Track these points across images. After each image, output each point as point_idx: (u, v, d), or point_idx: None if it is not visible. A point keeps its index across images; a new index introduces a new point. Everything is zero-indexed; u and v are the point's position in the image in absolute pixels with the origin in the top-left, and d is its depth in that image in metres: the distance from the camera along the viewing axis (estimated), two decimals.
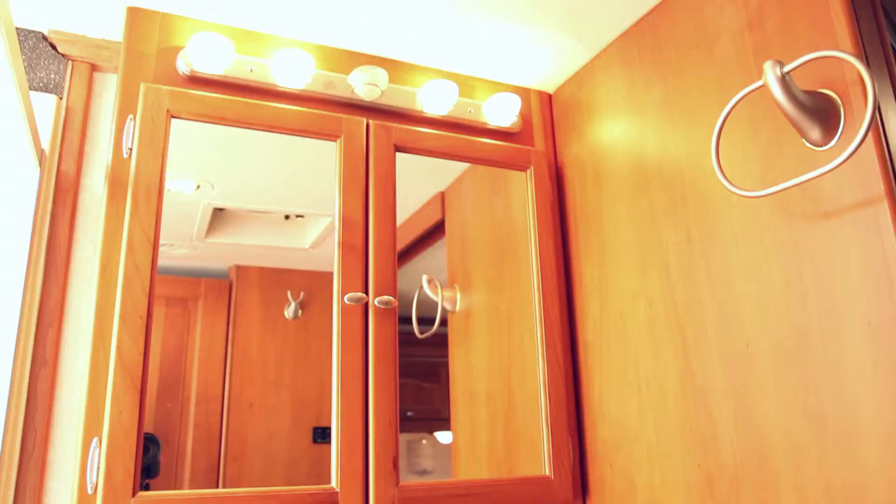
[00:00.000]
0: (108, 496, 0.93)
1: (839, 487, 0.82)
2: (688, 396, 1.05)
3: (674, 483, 1.06)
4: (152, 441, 1.11)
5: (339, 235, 1.16)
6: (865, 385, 0.80)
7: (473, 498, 1.14)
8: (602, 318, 1.26)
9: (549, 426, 1.24)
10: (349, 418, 1.08)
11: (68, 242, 1.16)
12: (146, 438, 1.11)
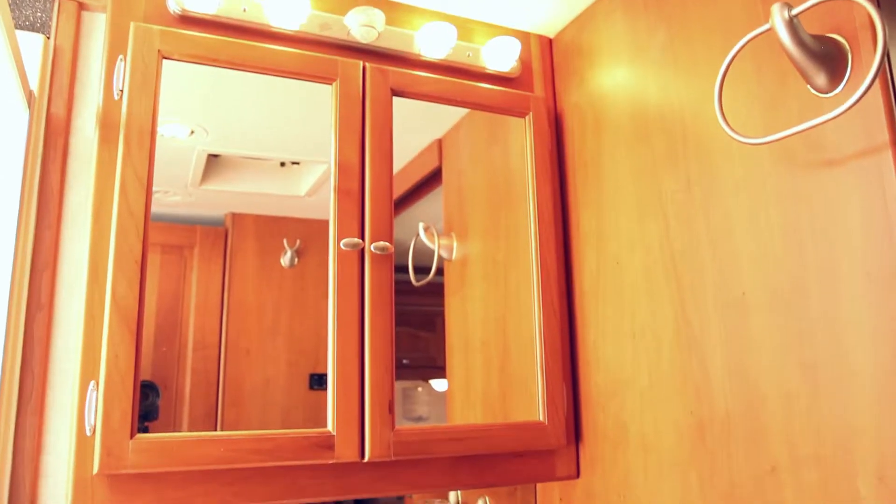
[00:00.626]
0: (107, 438, 0.94)
1: (828, 436, 0.83)
2: (682, 344, 1.05)
3: (666, 429, 1.07)
4: (151, 388, 1.12)
5: (335, 181, 1.15)
6: (860, 336, 0.80)
7: (468, 442, 1.16)
8: (599, 267, 1.26)
9: (544, 373, 1.25)
10: (345, 363, 1.09)
11: (60, 186, 1.14)
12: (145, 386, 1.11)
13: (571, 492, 1.29)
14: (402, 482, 1.13)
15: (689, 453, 1.03)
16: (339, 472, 1.08)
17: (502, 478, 1.21)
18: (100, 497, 0.95)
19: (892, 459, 0.76)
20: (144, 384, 1.11)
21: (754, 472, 0.92)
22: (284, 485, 1.05)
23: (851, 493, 0.80)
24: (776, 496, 0.89)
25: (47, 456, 1.10)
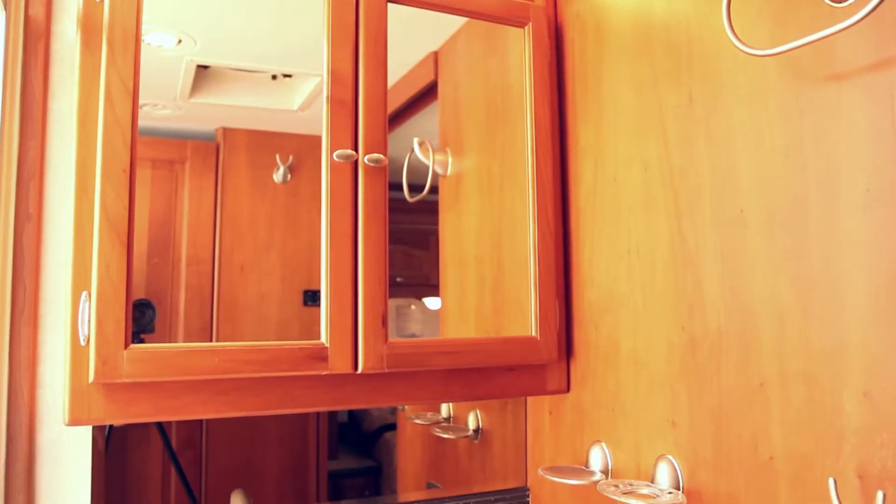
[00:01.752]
0: (101, 347, 0.94)
1: (819, 352, 0.83)
2: (677, 261, 1.05)
3: (658, 345, 1.08)
4: (148, 307, 1.12)
5: (328, 91, 1.12)
6: (856, 253, 0.80)
7: (460, 356, 1.17)
8: (595, 183, 1.24)
9: (538, 289, 1.25)
10: (338, 275, 1.09)
11: (43, 93, 1.11)
12: (142, 303, 1.11)
13: (561, 406, 1.32)
14: (395, 394, 1.15)
15: (680, 369, 1.04)
16: (333, 383, 1.10)
17: (494, 391, 1.23)
18: (96, 405, 0.96)
19: (878, 377, 0.77)
20: (141, 302, 1.11)
21: (743, 388, 0.93)
22: (279, 395, 1.06)
23: (836, 409, 0.81)
24: (763, 411, 0.90)
25: (43, 366, 1.11)
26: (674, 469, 1.04)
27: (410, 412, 1.44)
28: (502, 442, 1.43)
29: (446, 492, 1.39)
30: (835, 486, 0.76)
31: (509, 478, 1.43)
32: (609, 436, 1.19)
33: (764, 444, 0.90)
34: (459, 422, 1.45)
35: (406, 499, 1.34)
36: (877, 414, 0.76)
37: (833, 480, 0.76)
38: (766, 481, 0.90)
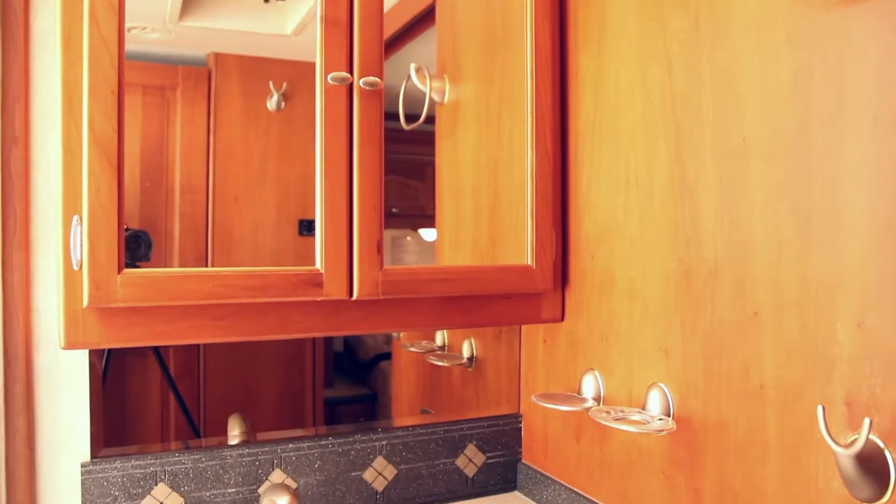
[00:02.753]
0: (94, 272, 0.93)
1: (814, 283, 0.83)
2: (676, 191, 1.04)
3: (653, 275, 1.08)
4: (144, 236, 1.11)
5: (322, 9, 1.07)
6: (858, 184, 0.79)
7: (456, 283, 1.17)
8: (596, 111, 1.22)
9: (534, 218, 1.24)
10: (333, 201, 1.07)
11: (25, 10, 1.07)
12: (138, 234, 1.10)
13: (556, 335, 1.33)
14: (390, 320, 1.15)
15: (675, 299, 1.04)
16: (329, 309, 1.10)
17: (489, 319, 1.24)
18: (91, 330, 0.96)
19: (872, 307, 0.77)
20: (136, 232, 1.10)
21: (736, 318, 0.94)
22: (274, 321, 1.06)
23: (829, 337, 0.81)
24: (755, 340, 0.91)
25: (37, 290, 1.11)
26: (665, 396, 1.05)
27: (405, 340, 1.45)
28: (496, 370, 1.45)
29: (440, 417, 1.41)
30: (823, 414, 0.77)
31: (502, 405, 1.45)
32: (602, 364, 1.20)
33: (755, 372, 0.91)
34: (454, 350, 1.46)
35: (401, 423, 1.37)
36: (869, 343, 0.77)
37: (821, 408, 0.77)
38: (755, 408, 0.91)
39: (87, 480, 1.11)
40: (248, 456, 1.20)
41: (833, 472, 0.81)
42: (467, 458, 1.40)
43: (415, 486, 1.35)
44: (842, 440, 0.79)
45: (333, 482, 1.28)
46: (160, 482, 1.15)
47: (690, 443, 1.01)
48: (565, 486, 1.29)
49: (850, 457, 0.75)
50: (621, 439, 1.15)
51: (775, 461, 0.88)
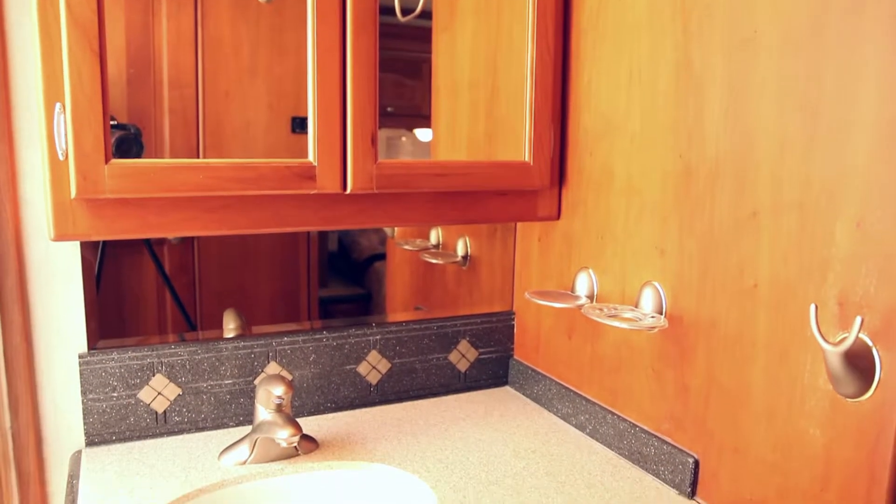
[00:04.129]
0: (80, 162, 0.91)
1: (816, 182, 0.82)
2: (681, 87, 1.01)
3: (652, 172, 1.07)
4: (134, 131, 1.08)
5: None
6: (870, 80, 0.76)
7: (451, 178, 1.15)
8: (600, 5, 1.16)
9: (533, 113, 1.21)
10: (326, 92, 1.04)
11: None
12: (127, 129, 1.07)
13: (551, 233, 1.32)
14: (385, 215, 1.14)
15: (673, 198, 1.03)
16: (322, 203, 1.08)
17: (484, 215, 1.23)
18: (81, 222, 0.95)
19: (873, 207, 0.76)
20: (125, 126, 1.07)
21: (735, 218, 0.93)
22: (267, 214, 1.05)
23: (827, 238, 0.81)
24: (752, 240, 0.90)
25: (25, 183, 1.08)
26: (658, 295, 1.06)
27: (399, 238, 1.45)
28: (490, 268, 1.46)
29: (433, 313, 1.43)
30: (815, 312, 0.78)
31: (496, 302, 1.47)
32: (596, 263, 1.20)
33: (749, 271, 0.91)
34: (448, 248, 1.46)
35: (395, 319, 1.38)
36: (867, 243, 0.76)
37: (814, 306, 0.78)
38: (747, 307, 0.92)
39: (86, 371, 1.12)
40: (243, 349, 1.22)
41: (819, 370, 0.82)
42: (460, 354, 1.43)
43: (408, 380, 1.38)
44: (831, 338, 0.80)
45: (328, 375, 1.30)
46: (157, 373, 1.17)
47: (681, 340, 1.03)
48: (556, 381, 1.32)
49: (839, 354, 0.76)
50: (613, 336, 1.17)
51: (763, 358, 0.90)
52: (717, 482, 0.98)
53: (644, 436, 1.10)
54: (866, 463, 0.77)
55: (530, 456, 1.15)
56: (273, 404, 1.07)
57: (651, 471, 1.08)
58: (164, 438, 1.18)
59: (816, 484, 0.83)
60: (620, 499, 1.02)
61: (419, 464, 1.11)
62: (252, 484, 1.06)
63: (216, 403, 1.22)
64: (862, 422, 0.78)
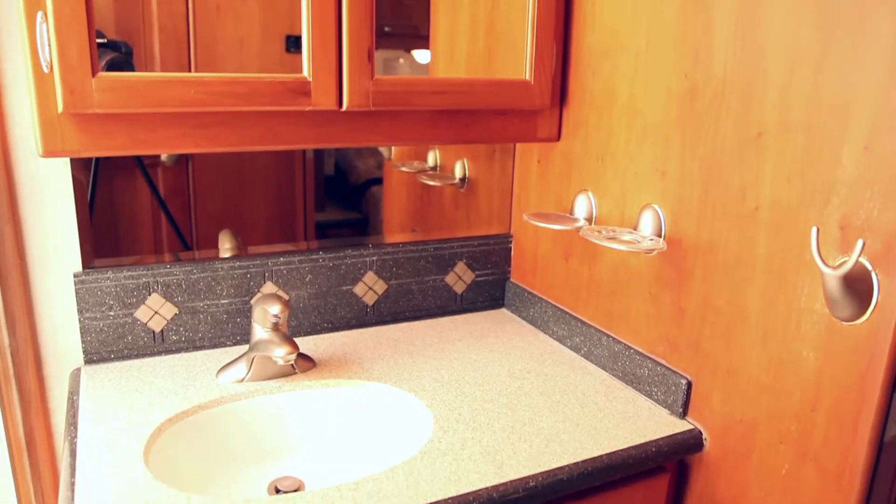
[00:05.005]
0: (66, 75, 0.87)
1: (826, 103, 0.79)
2: (688, 3, 0.97)
3: (656, 92, 1.04)
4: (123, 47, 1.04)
5: None
6: None
7: (450, 96, 1.12)
8: None
9: (535, 31, 1.16)
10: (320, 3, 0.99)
11: None
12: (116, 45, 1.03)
13: (550, 155, 1.30)
14: (381, 133, 1.11)
15: (677, 118, 1.01)
16: (317, 120, 1.05)
17: (483, 135, 1.20)
18: (70, 138, 0.92)
19: (883, 129, 0.74)
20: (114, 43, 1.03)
21: (739, 139, 0.91)
22: (260, 131, 1.02)
23: (833, 161, 0.79)
24: (756, 162, 0.89)
25: (9, 97, 1.05)
26: (658, 217, 1.05)
27: (397, 160, 1.42)
28: (488, 191, 1.44)
29: (430, 235, 1.42)
30: (816, 235, 0.77)
31: (493, 225, 1.46)
32: (596, 185, 1.19)
33: (751, 194, 0.90)
34: (446, 171, 1.44)
35: (391, 240, 1.37)
36: (874, 166, 0.75)
37: (816, 229, 0.77)
38: (747, 231, 0.91)
39: (81, 290, 1.12)
40: (239, 269, 1.22)
41: (817, 294, 0.82)
42: (457, 276, 1.43)
43: (405, 301, 1.39)
44: (831, 262, 0.79)
45: (324, 295, 1.30)
46: (154, 292, 1.17)
47: (679, 263, 1.02)
48: (552, 303, 1.33)
49: (838, 278, 0.76)
50: (610, 259, 1.17)
51: (761, 282, 0.89)
52: (708, 403, 1.00)
53: (638, 357, 1.11)
54: (857, 385, 0.78)
55: (525, 376, 1.17)
56: (269, 323, 1.07)
57: (644, 392, 1.10)
58: (162, 357, 1.19)
59: (807, 405, 0.84)
60: (613, 418, 1.03)
61: (415, 383, 1.13)
62: (250, 401, 1.07)
63: (213, 323, 1.22)
64: (856, 345, 0.78)
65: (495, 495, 0.84)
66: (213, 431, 1.04)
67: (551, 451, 0.93)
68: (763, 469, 0.91)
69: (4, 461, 1.14)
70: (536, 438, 0.97)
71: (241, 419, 1.06)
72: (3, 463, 1.14)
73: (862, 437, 0.79)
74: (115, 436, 0.93)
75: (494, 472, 0.88)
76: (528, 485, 0.87)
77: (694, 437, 1.00)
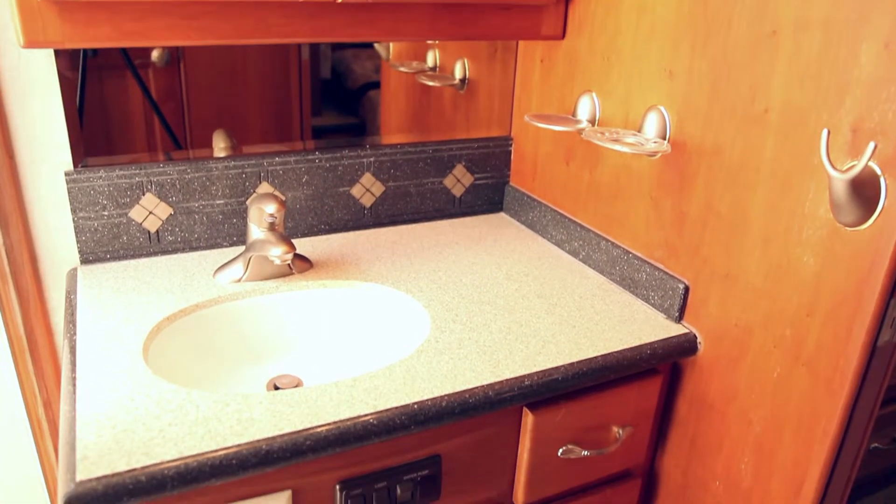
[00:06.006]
0: None
1: None
2: None
3: None
4: None
5: None
6: None
7: None
8: None
9: None
10: None
11: None
12: None
13: (554, 54, 1.25)
14: (379, 28, 1.06)
15: (689, 15, 0.96)
16: (311, 12, 1.00)
17: (484, 31, 1.15)
18: (52, 28, 0.88)
19: None
20: None
21: (752, 37, 0.87)
22: (252, 23, 0.97)
23: (850, 59, 0.76)
24: (769, 62, 0.85)
25: None
26: (663, 119, 1.02)
27: (395, 60, 1.37)
28: (488, 92, 1.40)
29: (429, 137, 1.38)
30: (826, 137, 0.75)
31: (493, 127, 1.42)
32: (600, 86, 1.15)
33: (762, 96, 0.87)
34: (445, 71, 1.39)
35: (389, 141, 1.34)
36: (893, 66, 0.72)
37: (826, 131, 0.75)
38: (754, 133, 0.88)
39: (73, 189, 1.10)
40: (234, 168, 1.19)
41: (821, 199, 0.81)
42: (455, 179, 1.41)
43: (402, 204, 1.37)
44: (840, 165, 0.77)
45: (321, 196, 1.28)
46: (147, 192, 1.15)
47: (682, 167, 1.00)
48: (551, 207, 1.31)
49: (846, 181, 0.74)
50: (612, 162, 1.14)
51: (765, 187, 0.88)
52: (705, 308, 1.00)
53: (637, 262, 1.10)
54: (855, 291, 0.78)
55: (523, 279, 1.17)
56: (266, 223, 1.06)
57: (641, 296, 1.10)
58: (159, 257, 1.19)
59: (803, 310, 0.85)
60: (609, 320, 1.04)
61: (412, 284, 1.13)
62: (248, 301, 1.07)
63: (209, 223, 1.21)
64: (858, 250, 0.77)
65: (491, 393, 0.86)
66: (211, 331, 1.04)
67: (547, 352, 0.94)
68: (755, 372, 0.93)
69: (7, 360, 1.16)
70: (533, 339, 0.98)
71: (239, 319, 1.07)
72: (6, 361, 1.16)
73: (856, 342, 0.79)
74: (113, 334, 0.94)
75: (491, 371, 0.89)
76: (524, 384, 0.88)
77: (689, 341, 1.01)
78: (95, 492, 0.66)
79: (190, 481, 0.70)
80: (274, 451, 0.74)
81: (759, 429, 0.93)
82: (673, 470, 1.10)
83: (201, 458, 0.71)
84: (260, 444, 0.74)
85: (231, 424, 0.76)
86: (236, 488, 0.78)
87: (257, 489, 0.79)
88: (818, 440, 0.85)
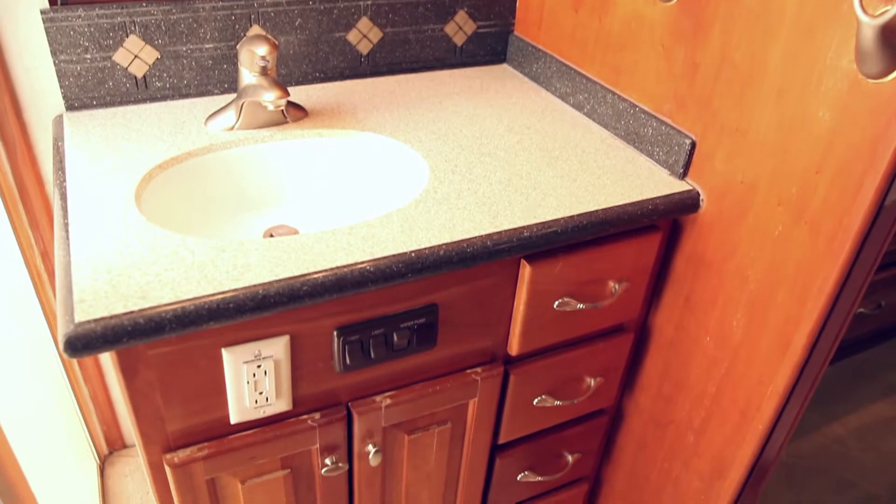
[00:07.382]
0: None
1: None
2: None
3: None
4: None
5: None
6: None
7: None
8: None
9: None
10: None
11: None
12: None
13: None
14: None
15: None
16: None
17: None
18: None
19: None
20: None
21: None
22: None
23: None
24: None
25: None
26: None
27: None
28: None
29: None
30: None
31: None
32: None
33: None
34: None
35: None
36: None
37: None
38: None
39: (52, 29, 1.03)
40: (222, 9, 1.12)
41: (845, 50, 0.76)
42: (457, 26, 1.33)
43: (401, 51, 1.31)
44: (871, 10, 0.72)
45: (316, 42, 1.22)
46: (131, 34, 1.08)
47: (698, 14, 0.94)
48: (556, 58, 1.25)
49: (876, 27, 0.69)
50: (623, 10, 1.08)
51: (786, 36, 0.83)
52: (711, 163, 0.97)
53: (643, 116, 1.06)
54: (868, 148, 0.75)
55: (524, 131, 1.13)
56: (257, 66, 1.01)
57: (645, 151, 1.07)
58: (148, 105, 1.14)
59: (812, 166, 0.82)
60: (612, 175, 1.02)
61: (411, 134, 1.09)
62: (241, 149, 1.04)
63: (198, 69, 1.15)
64: (878, 104, 0.74)
65: (489, 243, 0.85)
66: (205, 179, 1.02)
67: (547, 205, 0.93)
68: (756, 229, 0.92)
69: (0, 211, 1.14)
70: (533, 192, 0.96)
71: (233, 168, 1.04)
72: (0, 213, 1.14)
73: (863, 201, 0.77)
74: (104, 181, 0.91)
75: (489, 222, 0.88)
76: (522, 235, 0.87)
77: (691, 198, 0.99)
78: (94, 332, 0.67)
79: (188, 324, 0.71)
80: (270, 295, 0.74)
81: (754, 286, 0.93)
82: (665, 325, 1.12)
83: (198, 302, 0.71)
84: (256, 288, 0.73)
85: (227, 270, 0.76)
86: (235, 332, 0.78)
87: (256, 333, 0.80)
88: (812, 298, 0.85)
